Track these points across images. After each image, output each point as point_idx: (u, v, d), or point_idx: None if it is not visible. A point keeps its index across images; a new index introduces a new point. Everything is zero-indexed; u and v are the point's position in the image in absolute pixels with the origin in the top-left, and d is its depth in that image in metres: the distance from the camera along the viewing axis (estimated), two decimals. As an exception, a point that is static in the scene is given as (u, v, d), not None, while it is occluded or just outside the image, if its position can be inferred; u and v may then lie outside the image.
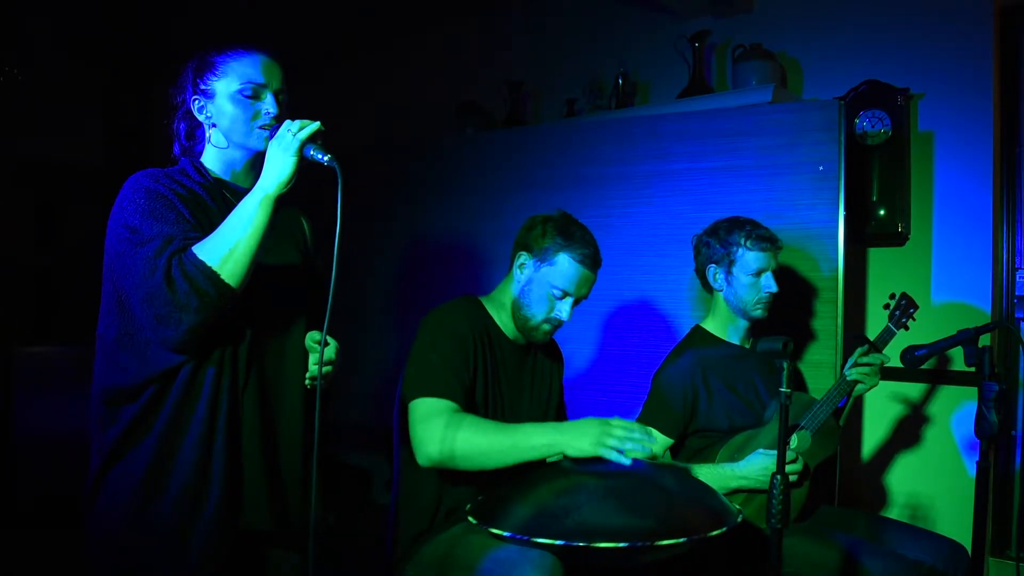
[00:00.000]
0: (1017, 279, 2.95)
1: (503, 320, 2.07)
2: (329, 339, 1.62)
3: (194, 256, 1.43)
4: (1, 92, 3.82)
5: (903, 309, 2.27)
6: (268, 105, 1.60)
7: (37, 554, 3.26)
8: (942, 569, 2.03)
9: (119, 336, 1.51)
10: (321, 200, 1.65)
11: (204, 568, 1.50)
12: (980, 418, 1.97)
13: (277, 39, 4.39)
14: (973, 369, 2.18)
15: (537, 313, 2.00)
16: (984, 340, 2.13)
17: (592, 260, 2.00)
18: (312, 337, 1.65)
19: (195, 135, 1.67)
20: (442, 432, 1.78)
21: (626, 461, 1.72)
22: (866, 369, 2.19)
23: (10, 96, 3.86)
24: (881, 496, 3.02)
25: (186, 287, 1.41)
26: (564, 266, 1.97)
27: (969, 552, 2.08)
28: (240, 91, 1.59)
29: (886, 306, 2.30)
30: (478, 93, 3.90)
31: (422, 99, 4.24)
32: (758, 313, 2.26)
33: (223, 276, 1.43)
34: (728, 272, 2.25)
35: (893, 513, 2.98)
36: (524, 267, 2.02)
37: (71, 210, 4.21)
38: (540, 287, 1.99)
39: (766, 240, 2.24)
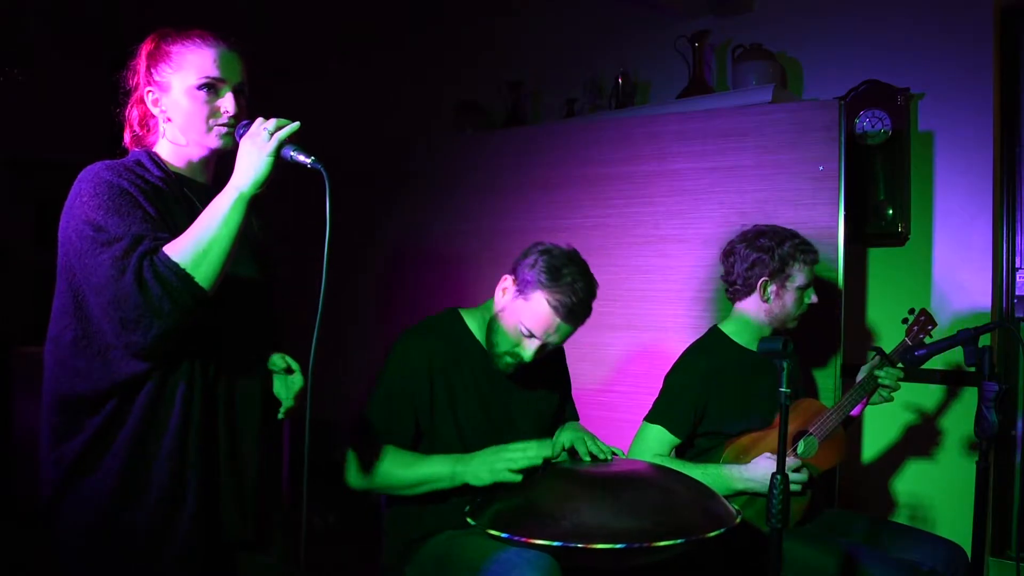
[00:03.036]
0: (1017, 279, 2.94)
1: (482, 334, 2.00)
2: (293, 368, 1.59)
3: (166, 257, 1.36)
4: (1, 92, 3.82)
5: (921, 325, 2.28)
6: (227, 103, 1.52)
7: (37, 554, 3.26)
8: (941, 572, 2.03)
9: (76, 339, 1.42)
10: (309, 200, 1.62)
11: None
12: (980, 418, 1.97)
13: (277, 38, 4.40)
14: (973, 369, 2.18)
15: (501, 343, 1.91)
16: (984, 340, 2.13)
17: (568, 311, 1.83)
18: (274, 363, 1.61)
19: (148, 124, 1.58)
20: (360, 464, 1.88)
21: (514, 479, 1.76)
22: (890, 383, 2.22)
23: (10, 96, 3.86)
24: (881, 497, 3.01)
25: (159, 290, 1.34)
26: (537, 307, 1.83)
27: (968, 553, 2.09)
28: (196, 86, 1.50)
29: (904, 320, 2.30)
30: (478, 93, 3.90)
31: (422, 99, 4.24)
32: (795, 324, 2.28)
33: (197, 278, 1.37)
34: (781, 286, 2.24)
35: (893, 514, 2.98)
36: (505, 292, 1.92)
37: (71, 210, 4.20)
38: (511, 318, 1.88)
39: (814, 253, 2.25)
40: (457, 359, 1.96)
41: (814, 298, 2.27)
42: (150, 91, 1.54)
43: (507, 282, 1.92)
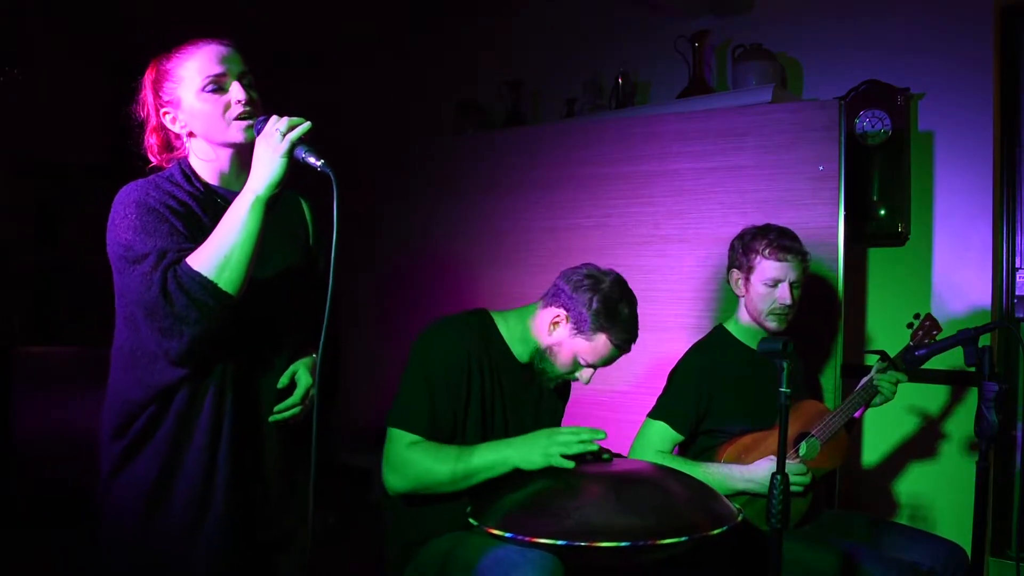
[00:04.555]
0: (1017, 279, 2.95)
1: (515, 344, 2.01)
2: (302, 377, 1.60)
3: (189, 268, 1.40)
4: (1, 92, 3.82)
5: (926, 330, 2.27)
6: (236, 93, 1.53)
7: (37, 554, 3.26)
8: (940, 572, 2.03)
9: (133, 350, 1.50)
10: (320, 193, 1.62)
11: (212, 572, 1.51)
12: (980, 418, 1.98)
13: (277, 39, 4.38)
14: (973, 369, 2.18)
15: (558, 370, 1.96)
16: (984, 340, 2.13)
17: (629, 344, 1.93)
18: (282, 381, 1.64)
19: (173, 145, 1.61)
20: (403, 466, 1.82)
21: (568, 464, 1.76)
22: (891, 386, 2.21)
23: (10, 96, 3.86)
24: (881, 497, 3.02)
25: (184, 300, 1.39)
26: (599, 346, 1.90)
27: (968, 553, 2.09)
28: (203, 88, 1.52)
29: (909, 325, 2.29)
30: (478, 93, 3.90)
31: (422, 99, 4.24)
32: (771, 323, 2.22)
33: (221, 285, 1.40)
34: (747, 279, 2.24)
35: (894, 514, 2.98)
36: (558, 325, 1.93)
37: (71, 210, 4.21)
38: (569, 352, 1.92)
39: (785, 251, 2.19)
40: (489, 359, 1.96)
41: (785, 297, 2.19)
42: (166, 112, 1.57)
43: (559, 318, 1.92)
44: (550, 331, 1.94)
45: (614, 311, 1.88)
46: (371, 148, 3.86)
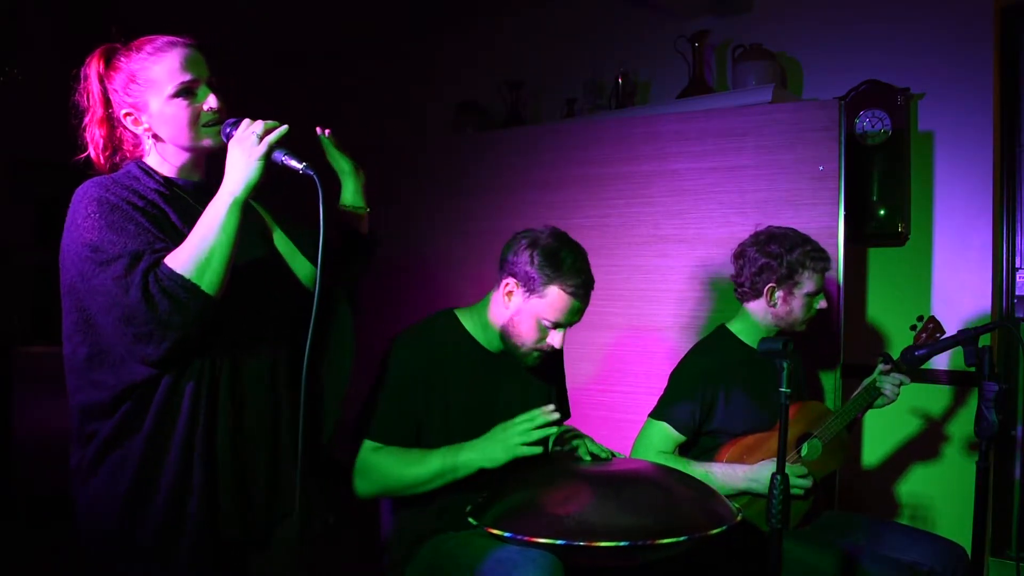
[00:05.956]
0: (1017, 279, 2.95)
1: (483, 335, 2.01)
2: None
3: (170, 270, 1.37)
4: (1, 92, 3.82)
5: (930, 332, 2.29)
6: (210, 101, 1.51)
7: (37, 554, 3.26)
8: (940, 572, 2.03)
9: (91, 355, 1.45)
10: (303, 198, 1.60)
11: (192, 571, 1.48)
12: (980, 418, 1.98)
13: (279, 38, 4.37)
14: (973, 369, 2.18)
15: (528, 342, 1.93)
16: (984, 340, 2.13)
17: (584, 289, 1.89)
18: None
19: (116, 143, 1.59)
20: (368, 471, 1.87)
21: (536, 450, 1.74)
22: (894, 388, 2.22)
23: (10, 96, 3.86)
24: (882, 498, 3.02)
25: (167, 305, 1.35)
26: (555, 299, 1.87)
27: (968, 553, 2.09)
28: (171, 94, 1.49)
29: (913, 327, 2.30)
30: (478, 93, 3.90)
31: (422, 99, 4.24)
32: (803, 328, 2.27)
33: (203, 287, 1.38)
34: (789, 292, 2.23)
35: (894, 514, 2.98)
36: (512, 295, 1.92)
37: (71, 210, 4.20)
38: (529, 317, 1.90)
39: (826, 260, 2.24)
40: (454, 362, 1.96)
41: (823, 304, 2.25)
42: (128, 114, 1.54)
43: (510, 286, 1.92)
44: (506, 304, 1.93)
45: (557, 259, 1.86)
46: (371, 148, 3.86)
